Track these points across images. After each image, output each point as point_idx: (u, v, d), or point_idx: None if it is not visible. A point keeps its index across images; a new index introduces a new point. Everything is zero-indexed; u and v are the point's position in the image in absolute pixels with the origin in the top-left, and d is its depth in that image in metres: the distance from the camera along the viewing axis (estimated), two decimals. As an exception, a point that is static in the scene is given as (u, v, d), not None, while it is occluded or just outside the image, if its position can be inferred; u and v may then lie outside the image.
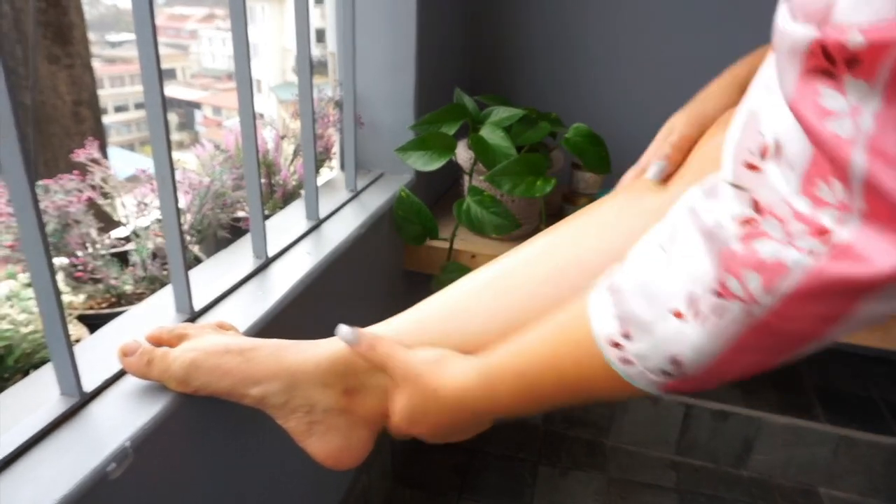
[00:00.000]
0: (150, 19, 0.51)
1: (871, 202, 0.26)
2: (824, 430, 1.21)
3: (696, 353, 0.34)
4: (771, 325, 0.31)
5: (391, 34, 1.03)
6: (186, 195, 0.78)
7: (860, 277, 0.27)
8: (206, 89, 26.91)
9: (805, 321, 0.30)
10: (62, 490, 0.41)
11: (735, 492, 1.23)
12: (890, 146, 0.25)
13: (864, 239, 0.27)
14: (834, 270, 0.28)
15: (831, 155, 0.27)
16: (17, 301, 0.59)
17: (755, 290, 0.30)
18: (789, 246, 0.29)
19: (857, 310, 0.29)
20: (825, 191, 0.28)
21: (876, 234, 0.26)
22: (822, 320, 0.30)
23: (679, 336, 0.34)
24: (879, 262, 0.26)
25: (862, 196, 0.26)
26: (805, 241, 0.28)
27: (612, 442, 1.32)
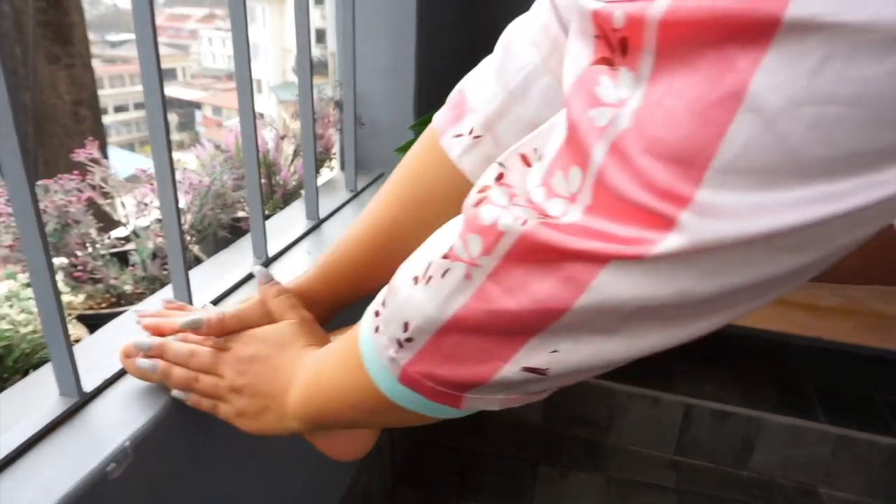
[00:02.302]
0: (150, 19, 0.51)
1: (596, 196, 0.26)
2: (824, 429, 1.21)
3: (422, 317, 0.33)
4: (491, 296, 0.30)
5: (391, 34, 1.03)
6: (186, 195, 0.78)
7: (568, 246, 0.26)
8: (206, 89, 26.92)
9: (523, 299, 0.29)
10: (62, 490, 0.41)
11: (735, 491, 1.23)
12: (633, 147, 0.24)
13: (583, 222, 0.26)
14: (543, 235, 0.27)
15: (580, 141, 0.26)
16: (17, 301, 0.59)
17: (475, 252, 0.30)
18: (506, 211, 0.29)
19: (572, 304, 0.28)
20: (560, 182, 0.28)
21: (596, 221, 0.26)
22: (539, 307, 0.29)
23: (410, 299, 0.34)
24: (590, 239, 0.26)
25: (591, 189, 0.26)
26: (523, 211, 0.28)
27: (612, 442, 1.32)
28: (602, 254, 0.26)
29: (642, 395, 1.27)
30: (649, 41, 0.24)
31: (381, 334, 0.36)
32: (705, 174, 0.23)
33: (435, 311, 0.32)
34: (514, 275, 0.29)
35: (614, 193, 0.25)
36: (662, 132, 0.24)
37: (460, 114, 0.53)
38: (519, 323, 0.30)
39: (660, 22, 0.23)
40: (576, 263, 0.27)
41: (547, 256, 0.28)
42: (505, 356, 0.32)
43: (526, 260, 0.28)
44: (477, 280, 0.30)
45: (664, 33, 0.23)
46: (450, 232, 0.33)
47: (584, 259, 0.26)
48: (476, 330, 0.32)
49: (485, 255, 0.30)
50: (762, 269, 0.25)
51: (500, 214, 0.29)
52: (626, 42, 0.25)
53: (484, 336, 0.32)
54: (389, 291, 0.36)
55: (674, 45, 0.23)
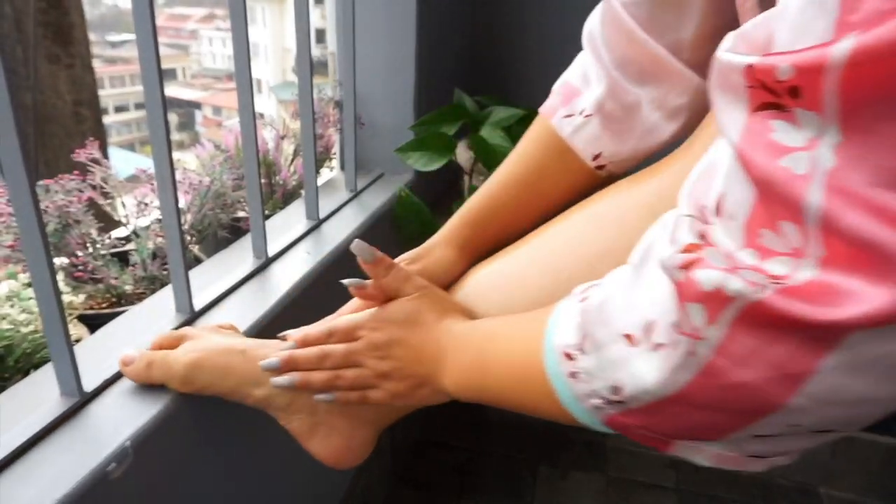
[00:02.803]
0: (151, 19, 0.51)
1: (829, 245, 0.23)
2: (824, 429, 1.21)
3: (639, 388, 0.31)
4: (719, 370, 0.27)
5: (391, 34, 1.03)
6: (186, 195, 0.78)
7: (816, 318, 0.24)
8: (206, 89, 26.91)
9: (758, 368, 0.26)
10: (62, 490, 0.41)
11: (734, 491, 1.23)
12: (851, 182, 0.22)
13: (825, 280, 0.24)
14: (784, 306, 0.24)
15: (783, 195, 0.24)
16: (18, 301, 0.59)
17: (699, 322, 0.27)
18: (734, 276, 0.26)
19: (817, 368, 0.25)
20: (773, 239, 0.25)
21: (835, 278, 0.23)
22: (777, 373, 0.26)
23: (625, 362, 0.31)
24: (841, 304, 0.23)
25: (819, 239, 0.24)
26: (753, 275, 0.25)
27: (612, 442, 1.32)
28: (856, 319, 0.23)
29: (642, 395, 1.27)
30: (831, 86, 0.22)
31: (581, 382, 0.35)
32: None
33: (655, 385, 0.30)
34: (746, 343, 0.26)
35: (849, 236, 0.22)
36: (885, 160, 0.22)
37: (569, 98, 0.59)
38: (754, 395, 0.27)
39: (844, 67, 0.22)
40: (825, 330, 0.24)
41: (788, 325, 0.25)
42: (736, 427, 0.29)
43: (760, 327, 0.26)
44: (703, 354, 0.28)
45: (851, 75, 0.22)
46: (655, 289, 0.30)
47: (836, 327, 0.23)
48: (704, 405, 0.29)
49: (710, 325, 0.27)
50: None
51: (726, 279, 0.26)
52: (799, 89, 0.23)
53: (714, 410, 0.29)
54: (588, 340, 0.34)
55: (867, 82, 0.22)
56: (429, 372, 0.48)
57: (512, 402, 0.44)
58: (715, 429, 0.30)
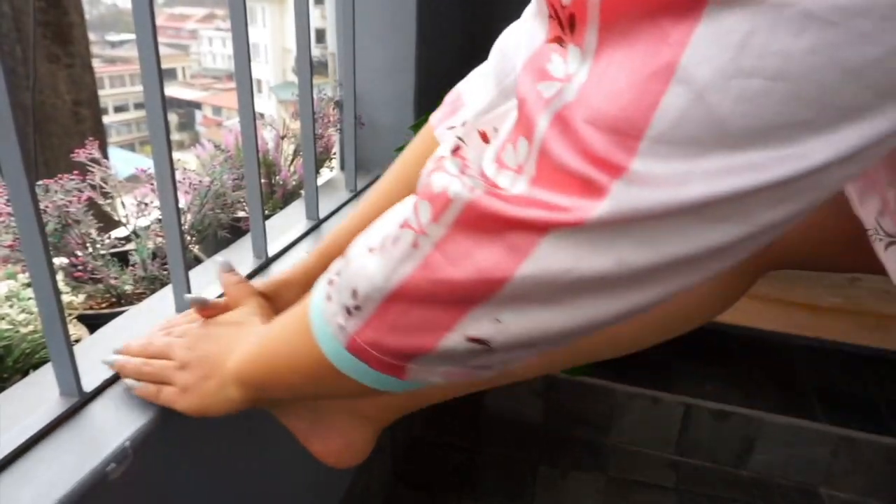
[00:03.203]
0: (151, 19, 0.51)
1: (539, 167, 0.27)
2: (824, 430, 1.21)
3: (370, 286, 0.33)
4: (437, 265, 0.30)
5: (391, 34, 1.03)
6: (186, 195, 0.78)
7: (510, 215, 0.27)
8: (206, 89, 26.91)
9: (467, 268, 0.29)
10: (62, 490, 0.41)
11: (735, 492, 1.23)
12: (576, 117, 0.25)
13: (526, 193, 0.27)
14: (488, 204, 0.28)
15: (527, 113, 0.27)
16: (17, 301, 0.59)
17: (424, 220, 0.30)
18: (457, 180, 0.29)
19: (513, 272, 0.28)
20: (510, 154, 0.28)
21: (538, 191, 0.27)
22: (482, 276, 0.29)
23: (362, 268, 0.34)
24: (531, 208, 0.26)
25: (535, 160, 0.27)
26: (473, 181, 0.29)
27: (612, 442, 1.32)
28: (541, 222, 0.26)
29: (642, 395, 1.27)
30: (593, 16, 0.24)
31: (332, 302, 0.36)
32: (640, 144, 0.24)
33: (382, 279, 0.32)
34: (460, 244, 0.29)
35: (555, 163, 0.26)
36: (604, 103, 0.24)
37: (455, 109, 0.57)
38: (462, 292, 0.30)
39: None
40: (517, 233, 0.27)
41: (491, 226, 0.28)
42: (448, 325, 0.32)
43: (471, 229, 0.29)
44: (424, 249, 0.31)
45: (606, 6, 0.24)
46: (405, 204, 0.33)
47: (525, 228, 0.27)
48: (420, 299, 0.32)
49: (433, 223, 0.30)
50: (695, 240, 0.25)
51: (450, 182, 0.29)
52: (574, 18, 0.25)
53: (428, 305, 0.32)
54: (344, 260, 0.36)
55: (615, 18, 0.24)
56: (219, 360, 0.48)
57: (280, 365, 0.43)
58: (434, 327, 0.32)
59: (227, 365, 0.47)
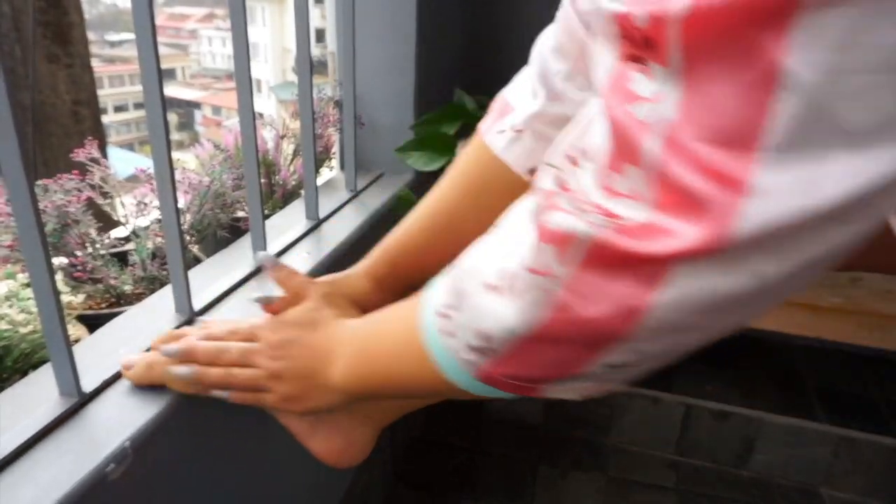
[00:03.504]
0: (150, 19, 0.51)
1: (659, 190, 0.26)
2: (824, 430, 1.21)
3: (503, 331, 0.33)
4: (569, 306, 0.30)
5: (391, 34, 1.03)
6: (186, 195, 0.78)
7: (641, 251, 0.26)
8: (206, 89, 26.91)
9: (602, 304, 0.29)
10: (62, 490, 0.41)
11: (735, 492, 1.23)
12: (685, 136, 0.25)
13: (652, 221, 0.26)
14: (617, 242, 0.27)
15: (628, 139, 0.27)
16: (16, 301, 0.59)
17: (550, 262, 0.30)
18: (578, 219, 0.28)
19: (652, 303, 0.28)
20: (620, 182, 0.28)
21: (664, 218, 0.26)
22: (618, 307, 0.29)
23: (489, 310, 0.34)
24: (663, 240, 0.26)
25: (652, 184, 0.26)
26: (595, 217, 0.28)
27: (612, 442, 1.32)
28: (674, 252, 0.26)
29: (642, 395, 1.27)
30: (674, 37, 0.24)
31: (452, 338, 0.37)
32: (758, 154, 0.23)
33: (515, 324, 0.33)
34: (591, 282, 0.29)
35: (675, 185, 0.25)
36: (709, 119, 0.24)
37: (502, 114, 0.58)
38: (601, 329, 0.30)
39: (682, 19, 0.23)
40: (650, 265, 0.27)
41: (621, 261, 0.28)
42: (588, 357, 0.32)
43: (601, 266, 0.29)
44: (555, 291, 0.30)
45: (688, 29, 0.23)
46: (518, 239, 0.33)
47: (658, 260, 0.26)
48: (558, 340, 0.32)
49: (560, 265, 0.30)
50: (830, 241, 0.25)
51: (571, 222, 0.29)
52: (652, 39, 0.25)
53: (566, 345, 0.32)
54: (458, 296, 0.36)
55: (699, 38, 0.23)
56: (318, 368, 0.48)
57: (395, 382, 0.45)
58: (571, 363, 0.33)
59: (330, 376, 0.48)
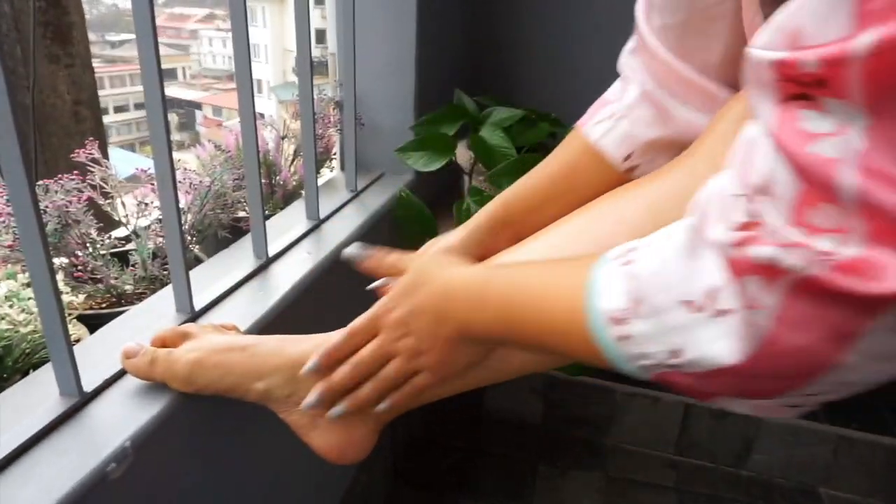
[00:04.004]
0: (151, 19, 0.51)
1: (870, 222, 0.25)
2: (824, 429, 1.21)
3: (700, 353, 0.32)
4: (777, 338, 0.29)
5: (391, 35, 1.03)
6: (187, 195, 0.78)
7: (860, 292, 0.25)
8: (207, 90, 26.91)
9: (811, 332, 0.28)
10: (62, 490, 0.41)
11: (734, 491, 1.23)
12: (883, 162, 0.24)
13: (872, 256, 0.25)
14: (833, 279, 0.26)
15: (817, 179, 0.26)
16: (17, 301, 0.59)
17: (756, 294, 0.29)
18: (787, 252, 0.27)
19: (867, 329, 0.27)
20: (817, 218, 0.27)
21: (879, 253, 0.25)
22: (831, 333, 0.28)
23: (687, 328, 0.33)
24: (883, 282, 0.25)
25: (860, 216, 0.25)
26: (802, 252, 0.27)
27: (612, 441, 1.32)
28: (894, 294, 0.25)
29: (642, 395, 1.27)
30: (855, 75, 0.24)
31: (633, 345, 0.36)
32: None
33: (718, 354, 0.31)
34: (800, 310, 0.28)
35: (884, 212, 0.24)
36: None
37: (600, 107, 0.60)
38: (809, 358, 0.29)
39: (868, 57, 0.23)
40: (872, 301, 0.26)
41: (839, 296, 0.27)
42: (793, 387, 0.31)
43: (815, 296, 0.28)
44: (762, 324, 0.29)
45: (876, 65, 0.23)
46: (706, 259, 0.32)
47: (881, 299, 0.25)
48: (761, 376, 0.31)
49: (767, 295, 0.29)
50: None
51: (780, 254, 0.28)
52: (825, 80, 0.25)
53: (770, 379, 0.31)
54: (646, 307, 0.35)
55: (887, 73, 0.23)
56: (448, 323, 0.47)
57: (540, 348, 0.44)
58: (768, 392, 0.32)
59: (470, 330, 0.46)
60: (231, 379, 0.52)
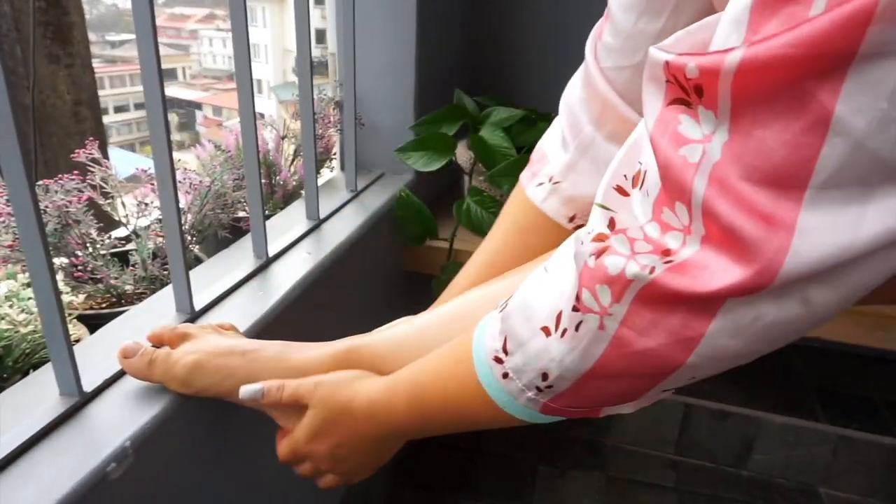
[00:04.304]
0: (151, 19, 0.51)
1: (707, 226, 0.28)
2: (824, 429, 1.21)
3: (563, 369, 0.35)
4: (627, 340, 0.32)
5: (391, 34, 1.03)
6: (187, 195, 0.78)
7: (694, 290, 0.28)
8: (207, 90, 26.90)
9: (658, 334, 0.31)
10: (62, 490, 0.41)
11: (734, 491, 1.23)
12: (730, 175, 0.26)
13: (702, 258, 0.28)
14: (670, 283, 0.29)
15: (676, 179, 0.28)
16: (17, 301, 0.59)
17: (605, 301, 0.32)
18: (632, 261, 0.30)
19: (706, 332, 0.29)
20: (671, 216, 0.29)
21: (713, 254, 0.28)
22: (674, 338, 0.30)
23: (546, 351, 0.36)
24: (713, 279, 0.27)
25: (700, 220, 0.28)
26: (648, 258, 0.30)
27: (612, 441, 1.32)
28: (725, 290, 0.27)
29: (642, 395, 1.27)
30: (724, 88, 0.25)
31: (512, 380, 0.39)
32: (804, 194, 0.25)
33: (575, 362, 0.34)
34: (646, 317, 0.31)
35: (723, 223, 0.27)
36: (756, 160, 0.25)
37: (541, 167, 0.61)
38: (657, 359, 0.32)
39: (734, 73, 0.25)
40: (702, 300, 0.28)
41: (675, 298, 0.29)
42: (648, 386, 0.34)
43: (655, 302, 0.30)
44: (611, 328, 0.32)
45: (740, 82, 0.25)
46: (569, 280, 0.34)
47: (710, 297, 0.28)
48: (617, 374, 0.34)
49: (616, 304, 0.31)
50: (879, 268, 0.27)
51: (627, 264, 0.30)
52: (702, 88, 0.27)
53: (625, 378, 0.34)
54: (512, 340, 0.38)
55: (751, 89, 0.25)
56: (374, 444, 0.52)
57: (453, 422, 0.46)
58: (631, 392, 0.36)
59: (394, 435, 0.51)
60: (230, 383, 0.52)
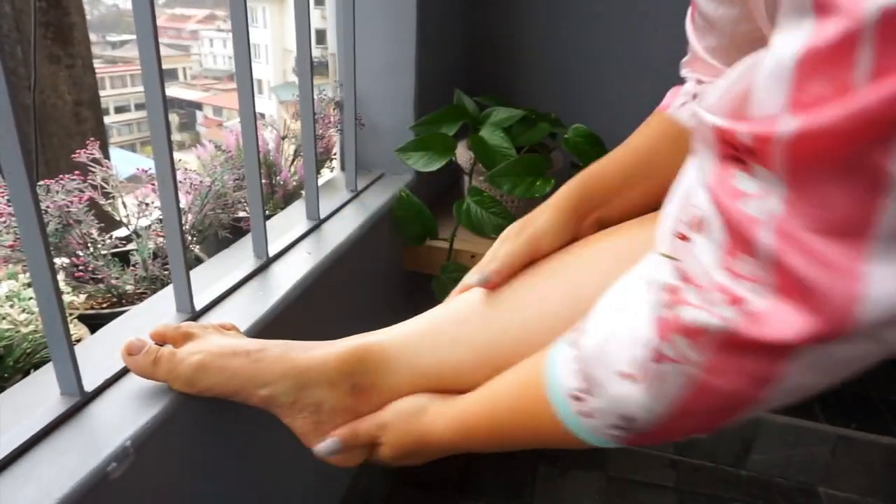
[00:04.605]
0: (152, 20, 0.51)
1: (777, 276, 0.29)
2: (823, 429, 1.21)
3: (647, 413, 0.37)
4: (708, 384, 0.33)
5: (391, 35, 1.03)
6: (187, 195, 0.78)
7: (769, 339, 0.29)
8: (207, 90, 26.90)
9: (737, 378, 0.32)
10: (62, 490, 0.41)
11: (734, 491, 1.23)
12: (795, 227, 0.27)
13: (774, 307, 0.29)
14: (746, 332, 0.30)
15: (740, 231, 0.30)
16: (18, 301, 0.59)
17: (685, 351, 0.33)
18: (707, 312, 0.31)
19: (782, 373, 0.31)
20: (739, 265, 0.31)
21: (784, 304, 0.29)
22: (752, 380, 0.32)
23: (628, 397, 0.37)
24: (787, 327, 0.29)
25: (771, 271, 0.29)
26: (721, 308, 0.31)
27: (612, 442, 1.32)
28: (802, 338, 0.28)
29: (642, 395, 1.27)
30: (778, 152, 0.27)
31: (595, 419, 0.40)
32: (871, 245, 0.26)
33: (657, 407, 0.36)
34: (724, 362, 0.32)
35: (792, 273, 0.28)
36: (820, 212, 0.27)
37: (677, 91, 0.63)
38: (736, 398, 0.34)
39: (789, 143, 0.26)
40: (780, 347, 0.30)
41: (753, 346, 0.31)
42: (726, 419, 0.36)
43: (733, 350, 0.32)
44: (691, 375, 0.34)
45: (795, 150, 0.26)
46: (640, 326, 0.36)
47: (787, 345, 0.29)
48: (698, 412, 0.36)
49: (694, 353, 0.33)
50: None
51: (702, 316, 0.32)
52: (755, 151, 0.28)
53: (706, 413, 0.36)
54: (591, 383, 0.40)
55: (807, 156, 0.26)
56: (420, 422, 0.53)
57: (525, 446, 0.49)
58: (709, 424, 0.38)
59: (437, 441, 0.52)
60: (235, 383, 0.52)
